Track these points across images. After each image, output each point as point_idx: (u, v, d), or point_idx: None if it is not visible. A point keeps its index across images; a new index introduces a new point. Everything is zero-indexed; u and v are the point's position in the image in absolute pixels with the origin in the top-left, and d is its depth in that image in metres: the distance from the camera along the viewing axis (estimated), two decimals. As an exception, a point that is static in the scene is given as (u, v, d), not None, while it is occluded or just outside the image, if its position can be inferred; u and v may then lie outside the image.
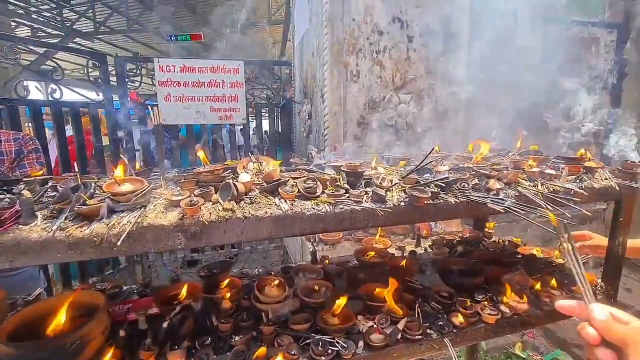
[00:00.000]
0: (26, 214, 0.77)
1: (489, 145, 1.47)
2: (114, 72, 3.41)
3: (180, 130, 3.84)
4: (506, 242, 1.97)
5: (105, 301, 1.11)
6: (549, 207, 1.11)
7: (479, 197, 1.08)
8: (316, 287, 1.43)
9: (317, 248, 2.67)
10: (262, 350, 1.05)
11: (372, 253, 1.67)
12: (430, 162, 1.19)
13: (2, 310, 1.09)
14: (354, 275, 1.59)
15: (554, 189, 1.22)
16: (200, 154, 1.04)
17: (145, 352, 1.03)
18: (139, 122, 3.55)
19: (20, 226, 0.76)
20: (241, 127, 3.92)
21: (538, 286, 1.46)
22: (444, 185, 1.11)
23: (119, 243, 0.76)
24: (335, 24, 2.67)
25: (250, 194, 0.99)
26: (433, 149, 1.13)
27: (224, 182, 0.95)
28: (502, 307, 1.33)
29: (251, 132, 4.46)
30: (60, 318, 0.96)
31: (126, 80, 3.42)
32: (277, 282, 1.40)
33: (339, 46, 2.70)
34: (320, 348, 1.07)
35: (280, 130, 4.20)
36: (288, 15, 5.04)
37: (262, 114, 4.17)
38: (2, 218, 0.74)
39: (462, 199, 1.09)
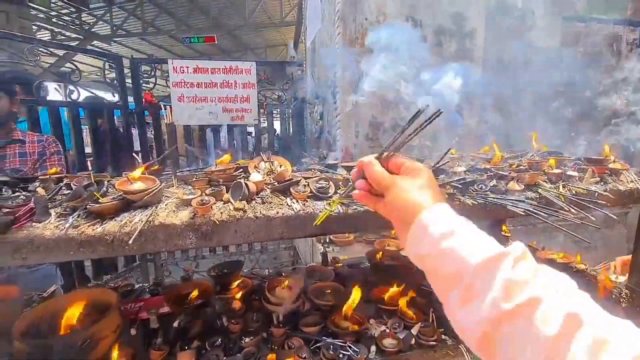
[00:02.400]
0: (40, 211, 0.77)
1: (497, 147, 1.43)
2: (129, 75, 3.47)
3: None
4: (523, 247, 1.90)
5: (118, 300, 1.12)
6: (572, 209, 1.06)
7: (497, 199, 1.04)
8: (327, 290, 1.41)
9: (327, 250, 2.64)
10: (272, 354, 1.03)
11: (380, 255, 1.64)
12: (446, 163, 1.15)
13: (17, 308, 1.11)
14: (365, 277, 1.56)
15: (576, 192, 1.17)
16: (226, 157, 1.04)
17: (155, 351, 1.03)
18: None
19: (34, 223, 0.76)
20: (252, 127, 3.93)
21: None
22: (461, 186, 1.07)
23: (130, 242, 0.75)
24: (348, 23, 2.64)
25: (261, 193, 0.98)
26: (450, 149, 1.09)
27: (235, 181, 0.94)
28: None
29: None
30: (72, 316, 0.97)
31: (140, 81, 3.48)
32: (287, 283, 1.38)
33: (351, 45, 2.67)
34: (331, 352, 1.04)
35: (291, 131, 4.19)
36: (300, 16, 5.04)
37: (274, 115, 4.17)
38: (17, 215, 0.75)
39: (479, 201, 1.05)
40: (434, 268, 0.52)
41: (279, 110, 4.14)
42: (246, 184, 0.90)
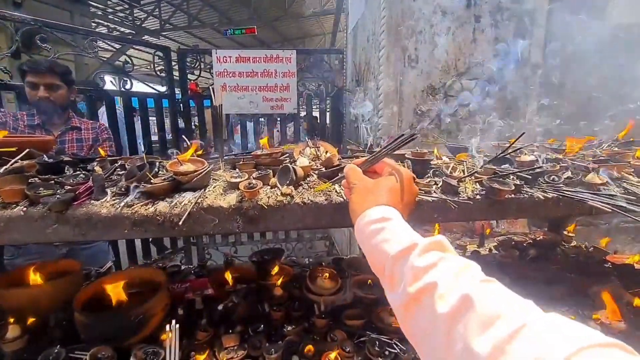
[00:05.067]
0: (97, 189, 0.79)
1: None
2: (176, 68, 3.61)
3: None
4: (591, 249, 1.70)
5: (166, 279, 1.15)
6: (670, 208, 0.89)
7: (576, 193, 0.91)
8: (370, 282, 1.35)
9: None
10: (315, 344, 1.00)
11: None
12: (515, 151, 1.03)
13: (78, 281, 1.18)
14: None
15: (672, 187, 0.99)
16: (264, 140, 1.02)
17: (201, 332, 1.04)
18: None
19: (92, 201, 0.78)
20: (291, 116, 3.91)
21: (639, 302, 1.22)
22: (529, 177, 0.95)
23: (180, 223, 0.75)
24: (394, 5, 2.50)
25: (308, 179, 0.93)
26: (523, 133, 0.97)
27: (282, 165, 0.90)
28: (592, 324, 1.14)
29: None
30: (126, 292, 1.01)
31: (187, 71, 3.60)
32: (329, 273, 1.34)
33: (398, 29, 2.53)
34: (377, 348, 0.99)
35: (329, 120, 4.14)
36: (340, 4, 4.91)
37: (313, 104, 4.13)
38: (77, 192, 0.77)
39: (552, 195, 0.93)
40: (369, 259, 0.59)
41: (317, 99, 4.09)
42: (294, 169, 0.87)
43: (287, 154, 1.07)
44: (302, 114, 4.02)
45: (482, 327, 0.37)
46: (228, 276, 1.30)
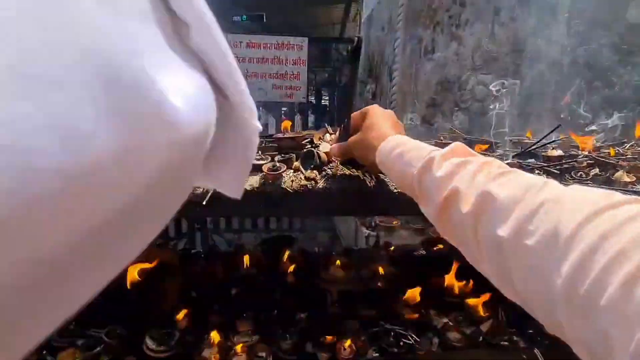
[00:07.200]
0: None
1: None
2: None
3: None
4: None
5: (180, 262, 1.14)
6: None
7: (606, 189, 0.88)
8: (381, 274, 1.34)
9: (372, 233, 2.57)
10: (329, 332, 0.99)
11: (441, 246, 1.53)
12: (542, 146, 1.00)
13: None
14: (422, 265, 1.46)
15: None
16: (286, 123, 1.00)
17: (214, 315, 1.03)
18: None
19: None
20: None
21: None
22: (557, 172, 0.93)
23: (204, 203, 0.73)
24: (413, -6, 2.45)
25: (330, 164, 0.91)
26: (559, 125, 0.94)
27: (305, 149, 0.88)
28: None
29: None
30: (140, 272, 1.00)
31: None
32: (341, 262, 1.33)
33: (415, 20, 2.48)
34: (392, 339, 0.98)
35: (338, 110, 4.09)
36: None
37: (322, 94, 4.09)
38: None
39: (580, 191, 0.90)
40: (402, 187, 0.61)
41: (327, 89, 4.04)
42: (318, 153, 0.84)
43: (308, 139, 1.04)
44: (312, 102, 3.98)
45: (504, 215, 0.37)
46: (240, 261, 1.29)
